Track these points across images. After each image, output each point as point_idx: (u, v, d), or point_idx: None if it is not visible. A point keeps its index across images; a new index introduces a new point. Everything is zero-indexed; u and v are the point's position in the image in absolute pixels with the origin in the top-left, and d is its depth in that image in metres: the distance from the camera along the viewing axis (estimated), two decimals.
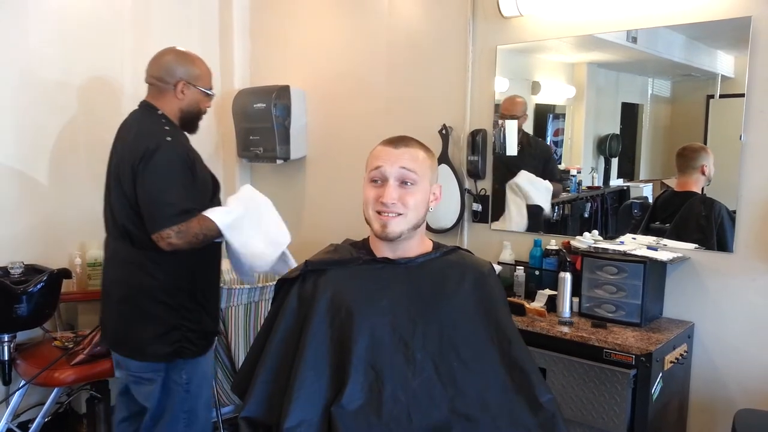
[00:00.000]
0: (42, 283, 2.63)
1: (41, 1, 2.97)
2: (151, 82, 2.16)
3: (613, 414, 2.00)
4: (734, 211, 2.22)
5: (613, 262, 2.24)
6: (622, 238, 2.47)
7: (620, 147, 2.70)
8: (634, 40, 2.47)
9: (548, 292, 2.42)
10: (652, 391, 1.97)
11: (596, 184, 2.79)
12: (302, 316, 1.40)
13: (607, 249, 2.33)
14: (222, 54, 3.72)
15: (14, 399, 2.70)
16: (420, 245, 1.47)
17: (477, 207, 2.87)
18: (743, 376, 2.23)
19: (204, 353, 2.17)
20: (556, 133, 2.89)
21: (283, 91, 3.39)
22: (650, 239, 2.41)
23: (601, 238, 2.52)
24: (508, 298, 1.52)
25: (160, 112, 2.12)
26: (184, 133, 2.17)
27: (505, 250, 2.71)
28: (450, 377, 1.33)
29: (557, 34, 2.62)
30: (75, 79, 3.11)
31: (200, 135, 2.35)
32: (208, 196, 2.14)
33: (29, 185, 2.98)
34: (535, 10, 2.61)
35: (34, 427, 2.68)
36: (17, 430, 2.81)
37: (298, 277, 1.45)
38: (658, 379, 2.00)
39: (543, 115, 2.89)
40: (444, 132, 2.90)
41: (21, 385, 2.66)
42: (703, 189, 2.37)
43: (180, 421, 2.12)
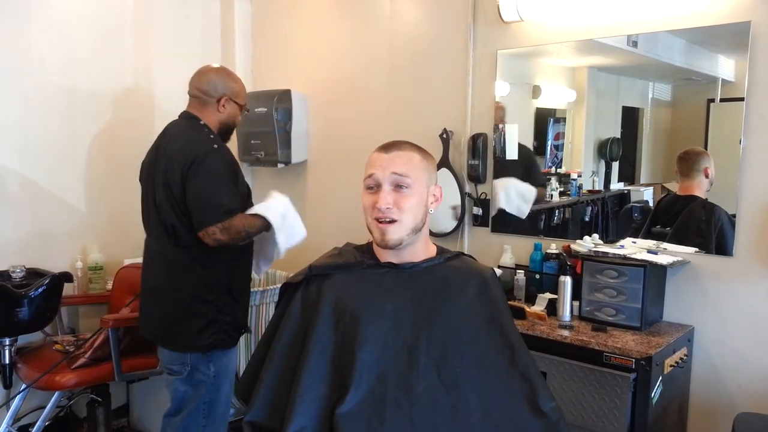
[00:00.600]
0: (43, 287, 2.64)
1: (44, 6, 2.99)
2: (195, 94, 2.32)
3: (613, 417, 2.00)
4: (734, 215, 2.23)
5: (613, 266, 2.25)
6: (622, 242, 2.48)
7: (621, 151, 2.71)
8: (635, 45, 2.48)
9: (548, 295, 2.42)
10: (652, 395, 1.97)
11: (597, 188, 2.80)
12: (306, 320, 1.41)
13: (608, 253, 2.34)
14: (224, 58, 3.73)
15: (15, 403, 2.71)
16: (425, 250, 1.47)
17: (477, 211, 2.87)
18: (743, 379, 2.23)
19: (235, 345, 2.32)
20: (557, 137, 2.89)
21: (285, 95, 3.40)
22: (650, 243, 2.41)
23: (601, 242, 2.52)
24: (508, 302, 1.53)
25: (202, 122, 2.29)
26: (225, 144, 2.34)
27: (505, 253, 2.71)
28: (453, 383, 1.32)
29: (558, 39, 2.63)
30: (77, 84, 3.12)
31: None
32: (246, 200, 2.31)
33: (31, 189, 2.99)
34: (535, 15, 2.62)
35: (34, 430, 2.68)
36: None
37: (302, 282, 1.45)
38: (658, 383, 2.00)
39: (544, 119, 2.90)
40: (445, 136, 2.90)
41: (22, 388, 2.67)
42: (705, 193, 2.37)
43: (200, 412, 2.25)
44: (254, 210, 2.24)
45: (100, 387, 2.83)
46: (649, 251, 2.33)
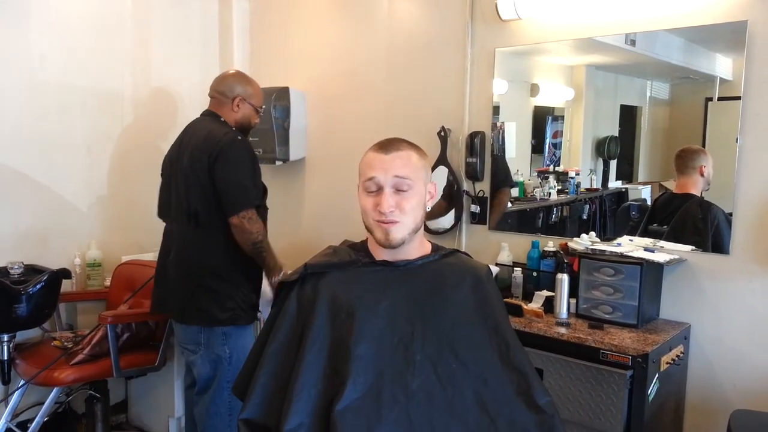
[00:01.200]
0: (41, 283, 2.64)
1: (43, 5, 2.98)
2: (213, 95, 2.52)
3: (610, 414, 2.01)
4: (731, 214, 2.23)
5: (610, 264, 2.26)
6: (619, 240, 2.49)
7: (619, 149, 2.71)
8: (633, 43, 2.48)
9: (546, 293, 2.43)
10: (649, 392, 1.98)
11: (595, 186, 2.80)
12: (302, 319, 1.41)
13: (605, 251, 2.34)
14: (222, 55, 3.73)
15: (13, 398, 2.71)
16: (419, 248, 1.48)
17: (475, 208, 2.88)
18: (739, 376, 2.24)
19: (251, 323, 2.45)
20: (555, 135, 2.90)
21: (283, 93, 3.40)
22: (647, 241, 2.42)
23: (598, 240, 2.53)
24: (505, 300, 1.53)
25: (222, 119, 2.48)
26: None
27: (503, 251, 2.72)
28: (449, 379, 1.33)
29: (556, 37, 2.63)
30: (76, 81, 3.12)
31: None
32: (263, 195, 2.47)
33: (29, 186, 2.99)
34: (533, 13, 2.62)
35: (33, 426, 2.68)
36: (16, 429, 2.82)
37: (298, 280, 1.46)
38: (655, 380, 2.01)
39: (542, 117, 2.91)
40: (443, 134, 2.91)
41: (20, 384, 2.67)
42: (702, 192, 2.37)
43: (225, 391, 2.37)
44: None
45: (99, 383, 2.84)
46: (646, 249, 2.33)
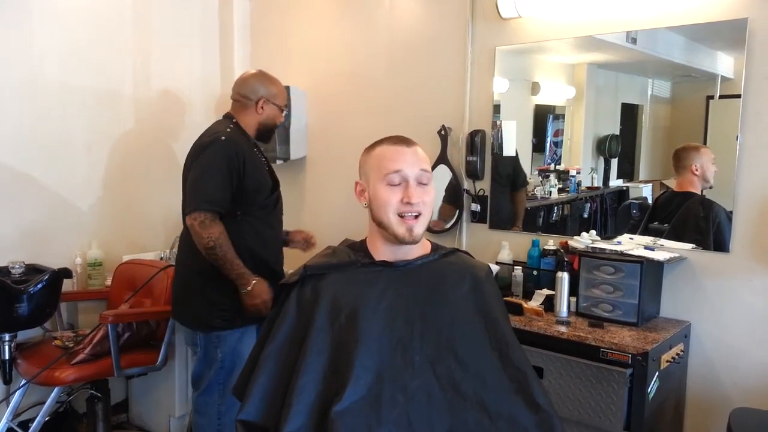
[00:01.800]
0: (43, 283, 2.64)
1: (43, 5, 2.98)
2: (236, 98, 2.48)
3: (610, 412, 2.01)
4: (731, 212, 2.23)
5: (610, 262, 2.25)
6: (619, 238, 2.48)
7: (620, 147, 2.71)
8: (634, 41, 2.48)
9: (546, 291, 2.43)
10: (649, 390, 1.98)
11: (596, 185, 2.80)
12: (302, 320, 1.40)
13: (605, 249, 2.34)
14: (222, 54, 3.73)
15: (15, 398, 2.72)
16: (419, 247, 1.47)
17: (475, 207, 2.88)
18: (739, 375, 2.24)
19: (238, 327, 2.37)
20: (556, 134, 2.90)
21: None
22: (647, 239, 2.42)
23: (598, 238, 2.52)
24: (505, 298, 1.53)
25: (234, 121, 2.43)
26: (248, 141, 2.43)
27: (503, 250, 2.71)
28: (448, 379, 1.33)
29: (556, 36, 2.63)
30: (76, 80, 3.12)
31: None
32: (264, 195, 2.40)
33: (30, 185, 2.99)
34: (533, 11, 2.62)
35: (34, 426, 2.68)
36: (18, 429, 2.82)
37: (297, 282, 1.45)
38: (655, 378, 2.01)
39: (543, 116, 2.90)
40: (443, 132, 2.91)
41: (21, 384, 2.67)
42: (702, 190, 2.37)
43: (215, 391, 2.40)
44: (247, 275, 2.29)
45: (100, 382, 2.84)
46: (646, 247, 2.33)
